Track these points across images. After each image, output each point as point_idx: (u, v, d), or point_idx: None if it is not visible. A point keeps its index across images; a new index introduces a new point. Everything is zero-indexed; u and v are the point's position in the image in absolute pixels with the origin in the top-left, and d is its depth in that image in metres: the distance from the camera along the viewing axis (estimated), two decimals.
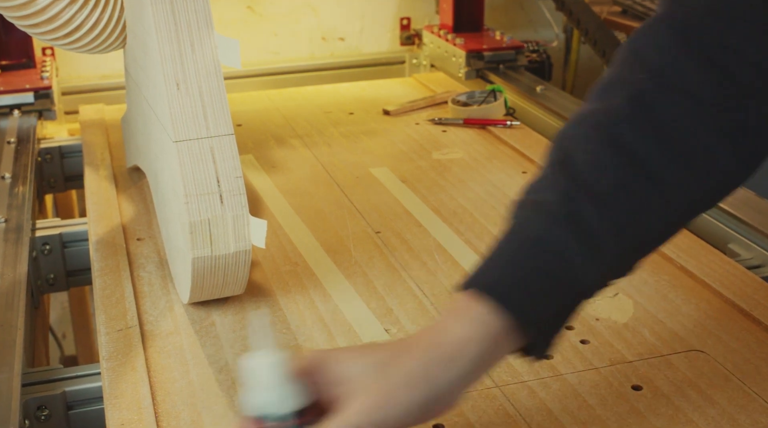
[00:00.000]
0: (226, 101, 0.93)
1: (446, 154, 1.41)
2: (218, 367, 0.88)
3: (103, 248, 1.09)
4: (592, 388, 0.84)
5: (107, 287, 1.01)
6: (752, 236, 1.13)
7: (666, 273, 1.05)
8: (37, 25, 1.11)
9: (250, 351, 0.62)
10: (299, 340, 0.92)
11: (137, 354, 0.89)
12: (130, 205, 1.22)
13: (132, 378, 0.85)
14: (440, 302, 0.99)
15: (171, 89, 0.92)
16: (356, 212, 1.21)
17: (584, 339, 0.92)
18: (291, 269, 1.06)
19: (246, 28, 1.88)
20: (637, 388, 0.84)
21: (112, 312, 0.96)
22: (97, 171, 1.32)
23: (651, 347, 0.91)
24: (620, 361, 0.88)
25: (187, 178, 0.90)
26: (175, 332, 0.94)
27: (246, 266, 0.93)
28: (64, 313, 2.24)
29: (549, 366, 0.87)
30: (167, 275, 1.04)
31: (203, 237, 0.90)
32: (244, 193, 0.91)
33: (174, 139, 0.91)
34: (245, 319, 0.95)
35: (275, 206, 1.23)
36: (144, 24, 0.97)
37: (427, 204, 1.23)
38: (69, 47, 1.16)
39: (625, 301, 0.99)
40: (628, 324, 0.95)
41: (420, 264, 1.07)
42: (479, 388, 0.84)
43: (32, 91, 1.54)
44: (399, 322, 0.95)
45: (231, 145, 0.92)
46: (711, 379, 0.85)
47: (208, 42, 0.94)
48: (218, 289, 0.95)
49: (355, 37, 1.97)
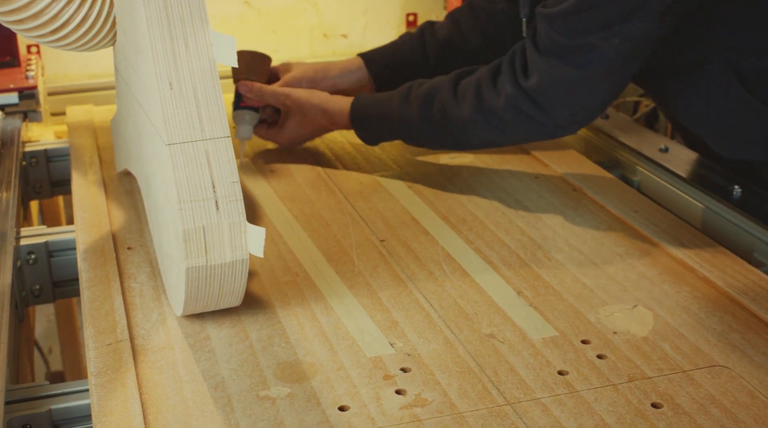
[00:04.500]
0: (222, 102, 0.94)
1: (455, 158, 1.41)
2: (213, 383, 0.88)
3: (92, 257, 1.10)
4: (609, 406, 0.84)
5: (96, 299, 1.02)
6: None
7: (687, 284, 1.05)
8: (22, 21, 1.12)
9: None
10: (299, 354, 0.92)
11: (128, 370, 0.89)
12: (121, 211, 1.22)
13: (122, 395, 0.85)
14: (449, 314, 0.99)
15: (164, 89, 0.93)
16: (360, 219, 1.21)
17: (601, 354, 0.92)
18: (290, 280, 1.07)
19: (243, 24, 1.89)
20: (657, 406, 0.84)
21: (101, 326, 0.96)
22: (85, 176, 1.33)
23: (672, 362, 0.91)
24: (639, 377, 0.89)
25: (181, 183, 0.91)
26: (167, 346, 0.94)
27: (243, 276, 0.93)
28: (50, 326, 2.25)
29: (564, 383, 0.88)
30: (159, 286, 1.04)
31: (198, 246, 0.90)
32: (240, 199, 0.92)
33: (167, 142, 0.91)
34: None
35: (274, 213, 1.23)
36: (135, 20, 0.98)
37: (434, 211, 1.23)
38: (56, 45, 1.16)
39: (644, 314, 0.99)
40: (647, 338, 0.95)
41: (427, 274, 1.08)
42: (490, 406, 0.84)
43: (16, 91, 1.55)
44: (405, 336, 0.95)
45: (227, 149, 0.93)
46: (735, 397, 0.86)
47: (202, 39, 0.94)
48: (213, 301, 0.95)
49: (359, 33, 1.97)
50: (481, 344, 0.94)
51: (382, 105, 1.31)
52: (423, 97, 1.26)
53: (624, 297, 1.02)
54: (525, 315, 0.99)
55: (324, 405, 0.85)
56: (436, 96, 1.25)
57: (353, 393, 0.86)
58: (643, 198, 1.26)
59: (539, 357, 0.92)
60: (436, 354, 0.92)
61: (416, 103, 1.27)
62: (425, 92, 1.26)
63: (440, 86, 1.26)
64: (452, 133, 1.26)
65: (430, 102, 1.26)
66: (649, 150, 1.39)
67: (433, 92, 1.26)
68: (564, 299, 1.02)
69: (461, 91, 1.24)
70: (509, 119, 1.20)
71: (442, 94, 1.25)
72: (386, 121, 1.31)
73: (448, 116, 1.24)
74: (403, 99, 1.28)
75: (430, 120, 1.26)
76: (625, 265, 1.09)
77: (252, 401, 0.85)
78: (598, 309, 1.00)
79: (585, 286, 1.05)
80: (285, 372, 0.89)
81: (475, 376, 0.89)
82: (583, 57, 1.13)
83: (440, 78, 1.27)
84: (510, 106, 1.19)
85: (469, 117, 1.23)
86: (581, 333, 0.96)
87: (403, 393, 0.86)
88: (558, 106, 1.18)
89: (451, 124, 1.25)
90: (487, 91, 1.21)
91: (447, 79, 1.26)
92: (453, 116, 1.24)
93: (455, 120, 1.24)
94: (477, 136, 1.25)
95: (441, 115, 1.25)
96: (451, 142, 1.30)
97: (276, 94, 1.37)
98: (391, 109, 1.29)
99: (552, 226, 1.18)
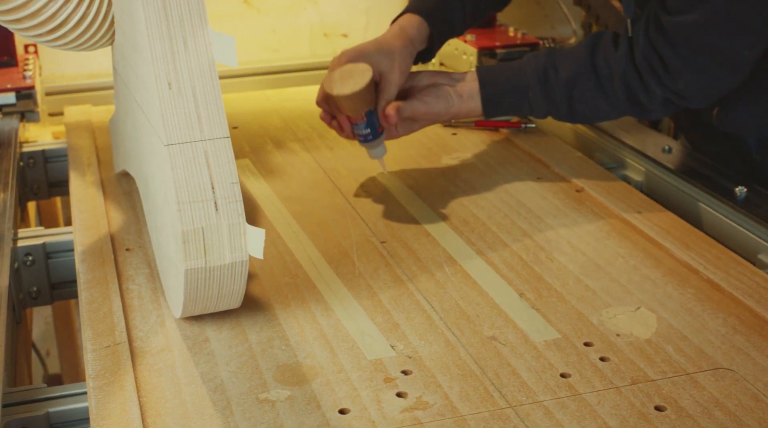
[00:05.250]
0: (221, 102, 0.94)
1: (456, 158, 1.41)
2: (213, 386, 0.88)
3: (90, 259, 1.10)
4: (612, 409, 0.84)
5: (94, 301, 1.02)
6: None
7: (691, 285, 1.05)
8: (19, 21, 1.12)
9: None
10: (299, 357, 0.92)
11: (126, 373, 0.89)
12: (119, 212, 1.22)
13: (120, 398, 0.85)
14: (450, 316, 0.99)
15: (162, 89, 0.93)
16: (360, 220, 1.21)
17: (604, 357, 0.92)
18: (290, 281, 1.07)
19: (242, 23, 1.89)
20: (660, 409, 0.84)
21: (100, 328, 0.97)
22: (83, 176, 1.33)
23: (675, 365, 0.91)
24: (642, 380, 0.89)
25: (180, 183, 0.91)
26: (166, 349, 0.94)
27: (242, 278, 0.93)
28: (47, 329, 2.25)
29: (566, 385, 0.88)
30: (158, 288, 1.05)
31: (197, 248, 0.90)
32: (240, 200, 0.92)
33: (166, 143, 0.91)
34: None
35: (274, 214, 1.23)
36: (133, 19, 0.98)
37: (435, 212, 1.23)
38: (53, 44, 1.16)
39: (647, 316, 0.99)
40: (650, 340, 0.95)
41: (428, 276, 1.08)
42: (491, 409, 0.84)
43: (14, 91, 1.55)
44: (406, 338, 0.95)
45: (226, 149, 0.93)
46: (740, 399, 0.86)
47: (202, 38, 0.94)
48: (213, 303, 0.95)
49: (360, 33, 1.97)
50: (482, 346, 0.94)
51: (514, 95, 1.31)
52: (566, 88, 1.27)
53: (627, 299, 1.02)
54: (527, 317, 0.99)
55: (324, 408, 0.85)
56: (580, 90, 1.27)
57: (354, 396, 0.86)
58: (647, 199, 1.26)
59: (541, 360, 0.92)
60: (437, 356, 0.92)
61: (559, 93, 1.28)
62: (566, 83, 1.27)
63: (581, 75, 1.27)
64: (593, 119, 1.33)
65: (573, 95, 1.28)
66: (653, 150, 1.39)
67: (574, 82, 1.27)
68: (566, 301, 1.02)
69: (606, 85, 1.26)
70: (660, 112, 1.28)
71: (587, 87, 1.27)
72: (522, 107, 1.31)
73: (598, 112, 1.29)
74: (542, 84, 1.28)
75: (576, 114, 1.30)
76: (628, 267, 1.09)
77: (251, 404, 0.85)
78: (600, 311, 1.00)
79: (588, 288, 1.05)
80: (285, 375, 0.89)
81: (477, 379, 0.89)
82: (727, 58, 1.19)
83: (575, 64, 1.27)
84: (661, 104, 1.25)
85: (623, 111, 1.28)
86: (584, 335, 0.96)
87: (404, 396, 0.86)
88: (702, 98, 1.25)
89: (597, 115, 1.30)
90: (640, 92, 1.24)
91: (584, 64, 1.27)
92: (602, 113, 1.29)
93: (603, 113, 1.29)
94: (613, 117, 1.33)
95: (589, 111, 1.29)
96: (585, 121, 1.37)
97: (415, 111, 1.29)
98: (531, 99, 1.29)
99: (554, 227, 1.19)
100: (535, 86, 1.27)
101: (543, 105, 1.28)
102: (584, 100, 1.27)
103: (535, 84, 1.27)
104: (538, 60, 1.28)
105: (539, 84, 1.27)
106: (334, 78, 1.22)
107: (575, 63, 1.26)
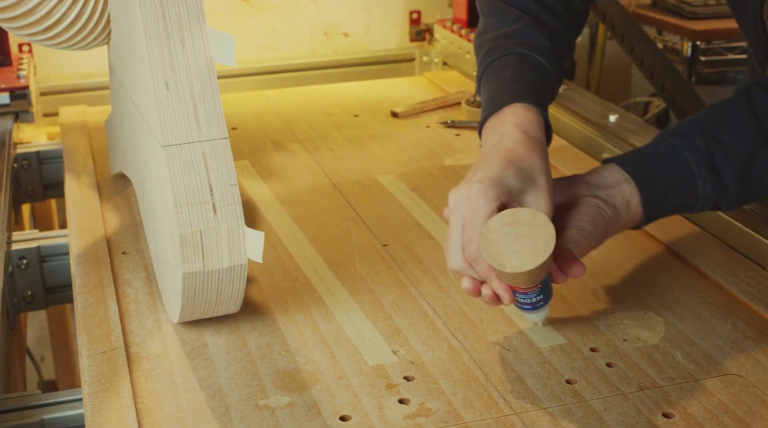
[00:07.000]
0: (219, 102, 0.94)
1: (460, 159, 1.41)
2: (211, 393, 0.88)
3: (86, 262, 1.10)
4: (619, 415, 0.84)
5: (90, 305, 1.02)
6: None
7: (700, 290, 1.05)
8: (13, 19, 1.12)
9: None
10: (299, 363, 0.92)
11: (122, 379, 0.89)
12: (115, 215, 1.22)
13: (117, 405, 0.85)
14: (453, 321, 0.99)
15: (160, 89, 0.93)
16: (361, 223, 1.21)
17: (610, 362, 0.92)
18: (290, 285, 1.07)
19: (241, 22, 1.89)
20: (668, 416, 0.84)
21: (95, 333, 0.97)
22: (78, 178, 1.33)
23: (683, 371, 0.91)
24: (650, 386, 0.89)
25: (177, 185, 0.91)
26: (163, 354, 0.94)
27: (241, 282, 0.94)
28: (42, 334, 2.25)
29: (572, 392, 0.88)
30: (155, 292, 1.05)
31: (195, 251, 0.90)
32: (239, 203, 0.92)
33: (163, 144, 0.92)
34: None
35: (273, 217, 1.23)
36: (130, 18, 0.98)
37: (438, 214, 1.23)
38: (48, 43, 1.16)
39: (655, 320, 0.99)
40: (658, 345, 0.95)
41: (431, 279, 1.08)
42: (496, 415, 0.84)
43: (8, 91, 1.55)
44: (408, 343, 0.95)
45: (225, 150, 0.93)
46: (749, 406, 0.86)
47: (200, 37, 0.94)
48: (211, 307, 0.95)
49: (361, 32, 1.97)
50: (486, 352, 0.94)
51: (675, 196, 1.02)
52: (742, 170, 1.00)
53: (634, 303, 1.02)
54: (532, 321, 0.99)
55: (325, 415, 0.85)
56: (758, 168, 1.00)
57: (355, 402, 0.86)
58: None
59: (547, 366, 0.92)
60: (440, 362, 0.92)
61: (734, 177, 1.00)
62: (742, 163, 1.00)
63: (757, 148, 1.00)
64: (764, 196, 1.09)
65: (751, 177, 1.01)
66: None
67: (751, 160, 1.00)
68: (572, 306, 1.02)
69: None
70: None
71: (766, 161, 1.00)
72: (688, 202, 1.02)
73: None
74: (710, 168, 0.99)
75: (750, 197, 1.05)
76: (635, 271, 1.09)
77: (250, 411, 0.85)
78: (607, 316, 1.00)
79: (594, 292, 1.05)
80: (284, 381, 0.90)
81: (481, 385, 0.89)
82: None
83: (742, 135, 1.01)
84: None
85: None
86: (590, 340, 0.96)
87: (407, 403, 0.86)
88: None
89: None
90: None
91: (752, 134, 1.01)
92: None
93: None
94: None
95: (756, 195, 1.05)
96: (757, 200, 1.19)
97: (583, 250, 0.98)
98: (702, 191, 1.00)
99: None
100: (705, 173, 0.99)
101: (711, 195, 1.00)
102: (764, 178, 1.01)
103: (704, 171, 0.99)
104: (692, 139, 1.00)
105: (707, 169, 0.99)
106: (495, 242, 0.86)
107: (742, 134, 1.00)
